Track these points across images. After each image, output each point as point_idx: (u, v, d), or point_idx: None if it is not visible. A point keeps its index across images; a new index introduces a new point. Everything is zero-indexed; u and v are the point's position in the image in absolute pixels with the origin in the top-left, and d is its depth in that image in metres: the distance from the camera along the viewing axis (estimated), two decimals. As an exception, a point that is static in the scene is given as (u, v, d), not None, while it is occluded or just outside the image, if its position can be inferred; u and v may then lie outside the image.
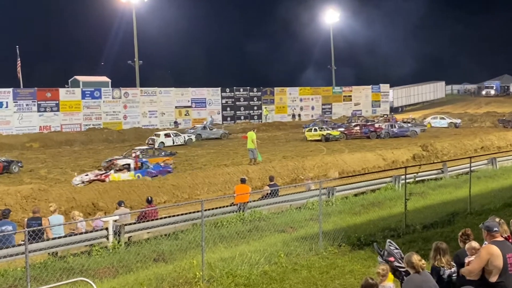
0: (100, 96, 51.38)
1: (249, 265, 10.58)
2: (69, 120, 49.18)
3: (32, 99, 47.30)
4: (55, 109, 48.41)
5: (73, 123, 49.32)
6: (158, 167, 26.53)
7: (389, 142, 40.48)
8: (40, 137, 44.13)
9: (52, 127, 47.88)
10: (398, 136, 43.72)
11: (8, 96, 46.03)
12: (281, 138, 46.81)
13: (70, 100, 49.53)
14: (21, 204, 20.77)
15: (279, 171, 28.09)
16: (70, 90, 50.95)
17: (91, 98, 50.80)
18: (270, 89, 64.70)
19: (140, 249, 12.07)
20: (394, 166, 29.56)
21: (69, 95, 49.87)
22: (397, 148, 35.17)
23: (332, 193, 18.09)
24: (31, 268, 10.04)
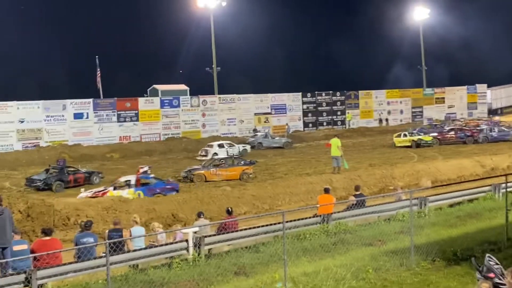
0: (178, 105, 52.78)
1: (334, 280, 10.48)
2: (148, 129, 50.82)
3: (112, 109, 49.30)
4: (135, 119, 50.19)
5: (152, 133, 50.92)
6: (161, 184, 25.70)
7: (488, 147, 38.89)
8: (120, 148, 45.93)
9: (131, 137, 49.68)
10: (498, 140, 41.90)
11: (89, 107, 48.26)
12: (367, 145, 46.15)
13: (149, 110, 51.20)
14: (102, 216, 21.73)
15: (365, 180, 27.72)
16: (149, 100, 52.68)
17: (170, 107, 52.27)
18: (354, 92, 63.94)
19: (221, 261, 12.25)
20: (493, 174, 28.36)
21: (148, 104, 51.58)
22: (497, 154, 33.75)
23: (424, 203, 17.58)
24: (112, 280, 10.44)
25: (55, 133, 46.40)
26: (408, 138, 42.45)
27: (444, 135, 43.51)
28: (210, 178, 29.10)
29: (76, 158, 41.32)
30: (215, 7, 57.11)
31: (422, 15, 70.60)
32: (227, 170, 29.61)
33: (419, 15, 70.66)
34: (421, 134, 43.46)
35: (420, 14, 70.58)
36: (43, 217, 20.95)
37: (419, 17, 70.80)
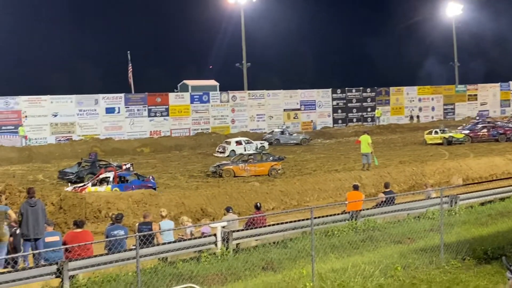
0: (208, 100, 53.05)
1: (362, 277, 10.44)
2: (178, 124, 51.21)
3: (143, 104, 49.82)
4: (165, 114, 50.64)
5: (182, 128, 51.30)
6: (137, 182, 25.43)
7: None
8: (150, 142, 46.40)
9: (162, 132, 50.14)
10: None
11: (120, 102, 48.84)
12: (397, 142, 45.73)
13: (179, 105, 51.60)
14: (132, 209, 21.98)
15: (395, 177, 27.49)
16: (179, 95, 53.06)
17: (200, 102, 52.59)
18: (385, 89, 63.36)
19: (248, 256, 12.30)
20: (526, 172, 27.92)
21: (178, 99, 51.97)
22: (530, 152, 33.12)
23: (455, 201, 17.37)
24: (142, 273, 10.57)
25: (87, 127, 47.12)
26: (439, 135, 41.99)
27: (476, 132, 42.83)
28: (238, 174, 29.20)
29: (108, 151, 41.88)
30: (245, 3, 57.15)
31: (455, 10, 69.50)
32: (255, 166, 29.65)
33: (452, 11, 69.58)
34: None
35: (453, 10, 69.48)
36: (75, 209, 21.29)
37: (452, 13, 69.70)
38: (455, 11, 69.54)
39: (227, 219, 15.55)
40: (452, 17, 70.04)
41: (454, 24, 70.39)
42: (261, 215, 15.81)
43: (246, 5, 57.56)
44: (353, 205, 16.24)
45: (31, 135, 44.47)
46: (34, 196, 14.13)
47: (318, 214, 15.14)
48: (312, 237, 10.45)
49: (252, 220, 15.60)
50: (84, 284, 11.08)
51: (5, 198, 20.69)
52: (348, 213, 15.92)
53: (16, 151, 40.31)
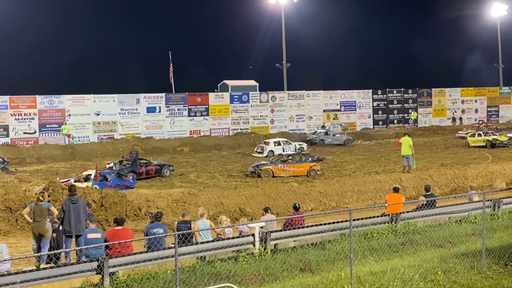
0: (248, 100, 53.21)
1: (402, 281, 10.30)
2: (218, 124, 51.50)
3: (183, 103, 50.29)
4: (205, 114, 51.00)
5: (221, 128, 51.58)
6: (115, 180, 26.32)
7: None
8: (190, 141, 46.81)
9: (201, 132, 50.52)
10: None
11: (161, 101, 49.41)
12: (439, 144, 44.98)
13: (219, 105, 51.90)
14: (171, 208, 22.23)
15: (436, 180, 27.07)
16: (219, 95, 53.36)
17: (239, 102, 52.78)
18: (427, 90, 62.36)
19: (286, 257, 12.28)
20: None
21: (218, 99, 52.27)
22: None
23: (498, 205, 16.97)
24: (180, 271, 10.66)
25: (129, 126, 47.83)
26: (482, 138, 41.22)
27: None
28: (277, 174, 29.18)
29: (148, 150, 42.47)
30: (286, 3, 57.09)
31: (499, 11, 67.94)
32: (294, 166, 29.58)
33: (496, 12, 68.03)
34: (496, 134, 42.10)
35: (498, 11, 67.93)
36: (116, 207, 21.64)
37: (497, 14, 68.15)
38: (500, 11, 67.97)
39: (266, 219, 15.55)
40: (497, 18, 68.48)
41: (499, 24, 68.79)
42: (299, 216, 15.75)
43: (287, 5, 57.50)
44: (393, 208, 16.03)
45: (74, 133, 45.38)
46: (76, 193, 14.43)
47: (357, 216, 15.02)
48: (351, 239, 10.36)
49: (291, 220, 15.56)
50: (123, 281, 11.23)
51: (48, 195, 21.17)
52: (387, 215, 15.73)
53: (60, 149, 41.22)
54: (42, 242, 14.29)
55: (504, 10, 67.94)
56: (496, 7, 67.79)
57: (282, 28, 57.74)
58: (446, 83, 65.42)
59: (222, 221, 16.00)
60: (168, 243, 13.85)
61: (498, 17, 68.27)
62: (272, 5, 58.14)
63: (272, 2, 57.42)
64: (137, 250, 13.25)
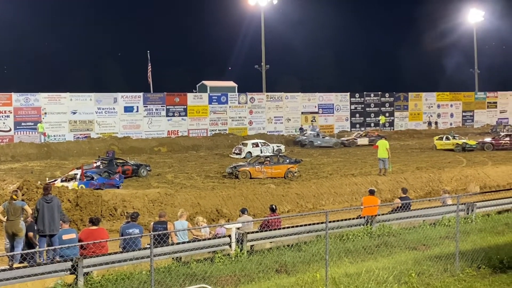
0: (226, 101, 53.19)
1: (376, 283, 10.38)
2: (196, 125, 51.39)
3: (161, 103, 50.07)
4: (183, 114, 50.85)
5: (199, 128, 51.47)
6: (101, 180, 26.05)
7: (541, 154, 37.72)
8: (168, 142, 46.61)
9: (179, 132, 50.35)
10: None
11: (139, 101, 49.13)
12: (415, 147, 45.44)
13: (197, 105, 51.78)
14: (148, 208, 22.10)
15: (412, 183, 27.32)
16: (197, 95, 53.25)
17: (218, 103, 52.73)
18: (403, 94, 63.00)
19: (262, 258, 12.30)
20: (546, 182, 27.58)
21: (196, 100, 52.16)
22: (550, 161, 32.71)
23: (471, 209, 17.20)
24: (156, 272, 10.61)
25: (106, 125, 47.48)
26: (451, 141, 42.12)
27: (499, 140, 42.54)
28: (255, 175, 29.21)
29: (125, 150, 42.19)
30: (266, 5, 57.19)
31: (476, 17, 68.93)
32: (272, 168, 29.64)
33: (473, 18, 69.00)
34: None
35: (474, 17, 68.91)
36: (91, 207, 21.45)
37: (473, 20, 69.13)
38: (476, 17, 68.95)
39: (242, 220, 15.55)
40: (474, 24, 69.45)
41: (475, 30, 69.78)
42: (276, 217, 15.78)
43: (267, 7, 57.62)
44: (369, 210, 16.16)
45: (50, 132, 44.90)
46: (50, 192, 14.27)
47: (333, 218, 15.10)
48: (326, 241, 10.41)
49: (267, 222, 15.58)
50: (98, 281, 11.14)
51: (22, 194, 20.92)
52: (363, 217, 15.85)
53: (35, 148, 40.74)
54: (15, 241, 14.11)
55: (480, 17, 68.95)
56: (472, 13, 68.76)
57: (262, 30, 57.82)
58: (423, 87, 66.19)
59: (199, 222, 15.97)
60: (143, 244, 13.78)
61: (474, 23, 69.24)
62: (251, 6, 58.18)
63: (252, 3, 57.46)
64: (112, 250, 13.16)
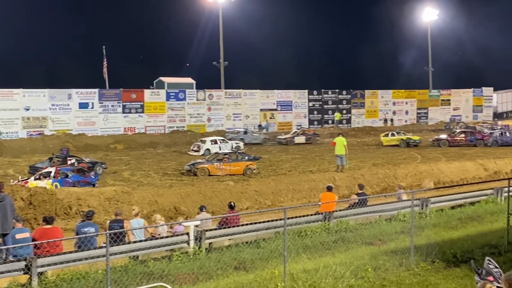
0: (184, 98, 52.84)
1: (333, 278, 10.48)
2: (153, 122, 50.91)
3: (118, 100, 49.39)
4: (140, 111, 50.30)
5: (157, 125, 51.00)
6: (76, 177, 25.65)
7: (492, 151, 38.80)
8: (124, 139, 46.02)
9: (136, 129, 49.77)
10: (510, 145, 41.74)
11: (94, 97, 48.36)
12: (371, 144, 46.12)
13: (154, 102, 51.28)
14: (104, 206, 21.77)
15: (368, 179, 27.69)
16: (155, 92, 52.75)
17: (176, 100, 52.34)
18: (360, 91, 63.88)
19: (221, 256, 12.27)
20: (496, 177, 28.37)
21: (153, 96, 51.66)
22: (501, 157, 33.66)
23: (426, 204, 17.57)
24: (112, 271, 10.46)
25: (60, 122, 46.58)
26: (396, 137, 43.43)
27: (454, 137, 43.62)
28: (213, 172, 29.14)
29: (80, 147, 41.46)
30: (224, 1, 57.05)
31: (430, 16, 70.37)
32: (231, 165, 29.64)
33: (427, 16, 70.42)
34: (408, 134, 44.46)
35: (429, 15, 70.34)
36: (45, 205, 21.00)
37: (428, 18, 70.55)
38: (431, 16, 70.39)
39: (201, 218, 15.50)
40: (428, 22, 70.87)
41: (429, 28, 71.22)
42: (234, 215, 15.79)
43: (225, 3, 57.46)
44: (327, 206, 16.31)
45: (2, 128, 43.77)
46: (2, 191, 13.90)
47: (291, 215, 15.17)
48: (285, 237, 10.45)
49: (226, 219, 15.57)
50: (52, 281, 10.93)
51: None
52: (321, 214, 16.00)
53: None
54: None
55: (435, 15, 70.42)
56: (427, 12, 70.15)
57: (220, 26, 57.66)
58: (379, 85, 67.26)
59: (156, 219, 15.83)
60: (99, 243, 13.57)
61: (429, 21, 70.66)
62: (210, 3, 57.96)
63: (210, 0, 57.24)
64: (67, 249, 12.93)
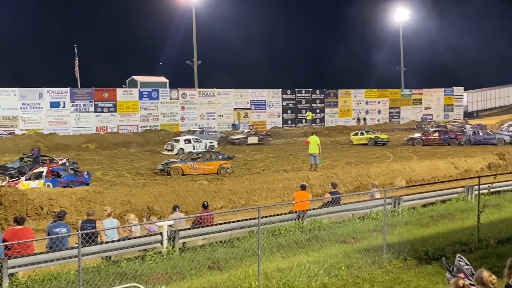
0: (157, 97, 52.50)
1: (307, 276, 10.53)
2: (126, 121, 50.47)
3: (89, 99, 48.87)
4: (112, 110, 49.82)
5: (130, 124, 50.58)
6: (69, 177, 25.29)
7: (463, 149, 39.43)
8: (96, 138, 45.55)
9: (108, 128, 49.30)
10: (482, 143, 42.43)
11: (66, 96, 47.75)
12: (344, 143, 46.45)
13: (127, 101, 50.85)
14: (76, 206, 21.52)
15: (341, 178, 27.88)
16: (127, 91, 52.31)
17: (149, 99, 51.97)
18: (333, 91, 64.26)
19: (195, 255, 12.23)
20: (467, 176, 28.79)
21: (126, 95, 51.22)
22: (471, 156, 34.21)
23: (398, 202, 17.76)
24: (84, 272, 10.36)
25: (31, 121, 45.89)
26: (365, 136, 44.09)
27: (428, 136, 44.21)
28: (187, 172, 29.03)
29: (51, 147, 40.88)
30: (197, 0, 56.84)
31: (402, 16, 71.12)
32: (204, 164, 29.56)
33: (399, 16, 71.16)
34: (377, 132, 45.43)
35: (401, 15, 71.08)
36: (16, 205, 20.66)
37: (400, 18, 71.29)
38: (403, 16, 71.15)
39: (174, 217, 15.42)
40: (400, 23, 71.61)
41: (401, 28, 71.98)
42: (208, 214, 15.75)
43: (198, 2, 57.26)
44: (300, 205, 16.38)
45: (-29, 128, 43.01)
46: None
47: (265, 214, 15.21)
48: (259, 236, 10.46)
49: (199, 219, 15.53)
50: (24, 282, 10.77)
51: None
52: (295, 212, 16.06)
53: (-45, 145, 38.88)
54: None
55: (406, 15, 71.20)
56: (399, 12, 70.89)
57: (193, 25, 57.44)
58: (352, 84, 67.77)
59: (130, 219, 15.70)
60: (71, 243, 13.41)
61: (401, 21, 71.41)
62: (183, 1, 57.70)
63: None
64: (39, 250, 12.75)
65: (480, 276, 6.08)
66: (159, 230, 14.05)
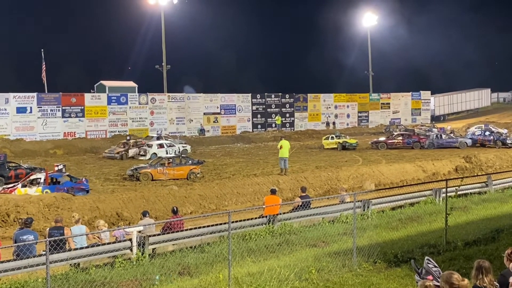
0: (126, 102, 52.07)
1: (278, 281, 10.55)
2: (94, 126, 49.92)
3: (57, 104, 48.20)
4: (80, 115, 49.23)
5: (98, 130, 50.05)
6: (69, 183, 24.80)
7: (430, 153, 39.99)
8: (64, 144, 44.89)
9: (76, 134, 48.69)
10: (445, 147, 43.10)
11: (32, 101, 47.02)
12: (314, 147, 46.71)
13: (95, 106, 50.32)
14: (43, 213, 21.17)
15: (311, 182, 28.02)
16: (95, 95, 51.76)
17: (117, 104, 51.51)
18: (303, 95, 64.63)
19: (165, 261, 12.16)
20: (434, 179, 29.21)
21: (94, 100, 50.68)
22: (438, 159, 34.72)
23: (367, 206, 17.93)
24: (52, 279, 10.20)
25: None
26: (335, 140, 44.51)
27: (392, 140, 44.72)
28: (157, 177, 28.81)
29: (18, 153, 40.16)
30: (166, 4, 56.63)
31: (370, 21, 71.98)
32: (174, 169, 29.38)
33: (367, 21, 72.00)
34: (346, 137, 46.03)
35: (369, 20, 71.94)
36: (-19, 213, 20.26)
37: (368, 23, 72.14)
38: (370, 21, 72.01)
39: (144, 223, 15.30)
40: (368, 27, 72.48)
41: (369, 33, 72.85)
42: (178, 219, 15.67)
43: (167, 6, 57.04)
44: (271, 209, 16.41)
45: None
46: None
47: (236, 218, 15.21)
48: (229, 241, 10.45)
49: (169, 224, 15.43)
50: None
51: None
52: (265, 217, 16.08)
53: None
54: None
55: (374, 20, 72.10)
56: (367, 17, 71.74)
57: (162, 30, 57.19)
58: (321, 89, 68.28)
59: (100, 225, 15.52)
60: (39, 250, 13.20)
61: (369, 26, 72.28)
62: (151, 5, 57.41)
63: (152, 2, 56.71)
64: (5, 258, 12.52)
65: (449, 279, 6.13)
66: (128, 236, 13.93)
